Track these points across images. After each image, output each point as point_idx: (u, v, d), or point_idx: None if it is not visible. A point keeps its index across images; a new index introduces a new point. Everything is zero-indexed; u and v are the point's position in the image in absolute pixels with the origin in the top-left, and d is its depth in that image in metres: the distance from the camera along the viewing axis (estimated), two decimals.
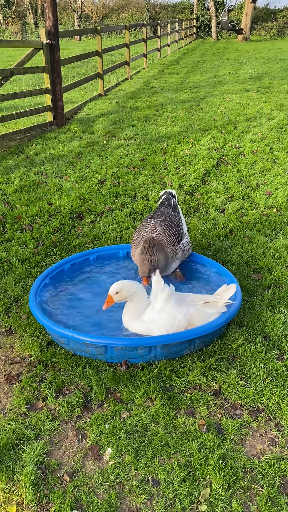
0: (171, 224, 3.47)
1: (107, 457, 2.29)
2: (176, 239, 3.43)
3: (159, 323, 2.89)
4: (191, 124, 8.80)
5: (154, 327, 2.89)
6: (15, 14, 42.69)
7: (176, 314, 2.88)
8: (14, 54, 21.21)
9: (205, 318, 2.90)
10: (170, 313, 2.89)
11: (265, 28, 38.22)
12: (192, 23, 36.68)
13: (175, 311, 2.89)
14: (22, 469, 2.22)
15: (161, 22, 22.40)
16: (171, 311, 2.89)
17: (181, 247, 3.47)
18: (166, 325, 2.87)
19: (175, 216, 3.58)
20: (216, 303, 2.98)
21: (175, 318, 2.87)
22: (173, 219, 3.53)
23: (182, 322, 2.87)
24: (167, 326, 2.87)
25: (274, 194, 5.45)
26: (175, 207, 3.73)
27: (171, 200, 3.80)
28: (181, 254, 3.48)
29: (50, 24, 8.16)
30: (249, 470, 2.23)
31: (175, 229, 3.46)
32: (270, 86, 12.76)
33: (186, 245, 3.55)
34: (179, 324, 2.87)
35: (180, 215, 3.70)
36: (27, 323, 3.23)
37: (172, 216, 3.56)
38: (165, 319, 2.88)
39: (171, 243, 3.38)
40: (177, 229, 3.48)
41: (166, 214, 3.58)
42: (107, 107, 10.61)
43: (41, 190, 5.67)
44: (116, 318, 3.11)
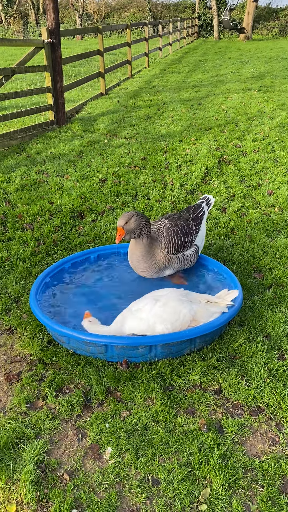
0: (179, 232, 3.36)
1: (107, 456, 2.28)
2: (175, 248, 3.33)
3: (162, 316, 2.84)
4: (192, 123, 8.78)
5: (157, 321, 2.83)
6: (17, 13, 42.69)
7: (181, 308, 2.86)
8: (16, 53, 21.22)
9: (208, 316, 2.88)
10: (174, 307, 2.86)
11: (267, 27, 38.14)
12: (194, 22, 36.63)
13: (180, 305, 2.87)
14: (22, 468, 2.21)
15: (162, 21, 22.37)
16: (176, 305, 2.87)
17: (179, 257, 3.39)
18: (171, 319, 2.82)
19: (189, 225, 3.44)
20: (218, 304, 2.97)
21: (179, 312, 2.84)
22: (184, 228, 3.39)
23: (187, 316, 2.84)
24: (172, 319, 2.82)
25: (276, 193, 5.43)
26: (198, 216, 3.56)
27: (201, 208, 3.63)
28: (178, 265, 3.41)
29: (52, 23, 8.15)
30: (250, 470, 2.22)
31: (180, 238, 3.35)
32: (272, 85, 12.73)
33: (188, 257, 3.45)
34: (184, 318, 2.83)
35: (201, 225, 3.55)
36: (28, 322, 3.23)
37: (185, 225, 3.42)
38: (169, 313, 2.84)
39: (168, 250, 3.31)
40: (183, 239, 3.36)
41: (182, 220, 3.44)
42: (108, 106, 10.60)
43: (42, 189, 5.67)
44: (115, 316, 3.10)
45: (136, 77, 15.33)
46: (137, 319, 2.88)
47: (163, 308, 2.87)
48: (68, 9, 42.89)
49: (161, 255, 3.29)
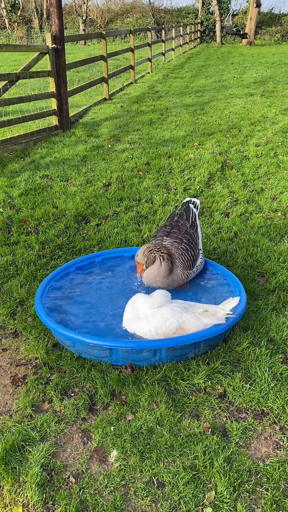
0: (188, 247, 3.36)
1: (112, 459, 2.30)
2: (191, 265, 3.36)
3: (150, 320, 2.91)
4: (195, 128, 8.83)
5: (145, 325, 2.91)
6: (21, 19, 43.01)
7: (169, 317, 2.91)
8: (20, 59, 21.35)
9: (199, 326, 2.88)
10: (163, 315, 2.92)
11: (270, 32, 38.28)
12: (197, 28, 36.80)
13: (170, 314, 2.92)
14: (28, 470, 2.23)
15: (165, 26, 22.48)
16: (165, 313, 2.93)
17: (194, 271, 3.44)
18: (156, 324, 2.89)
19: (192, 235, 3.44)
20: (216, 313, 2.98)
21: (166, 320, 2.89)
22: (190, 240, 3.40)
23: (173, 325, 2.88)
24: (157, 325, 2.89)
25: (279, 198, 5.46)
26: (194, 222, 3.56)
27: (191, 213, 3.60)
28: (192, 275, 3.47)
29: (56, 29, 8.23)
30: (254, 473, 2.23)
31: (191, 253, 3.36)
32: (274, 90, 12.78)
33: (199, 266, 3.49)
34: (170, 326, 2.88)
35: (198, 230, 3.57)
36: (33, 326, 3.25)
37: (189, 236, 3.42)
38: (157, 319, 2.91)
39: (185, 268, 3.35)
40: (194, 252, 3.38)
41: (184, 232, 3.43)
42: (112, 111, 10.66)
43: (47, 194, 5.70)
44: (120, 320, 3.12)
45: (139, 82, 15.40)
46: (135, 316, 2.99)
47: (153, 313, 2.94)
48: (72, 15, 43.17)
49: (179, 273, 3.33)
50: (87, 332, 3.02)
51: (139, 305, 3.03)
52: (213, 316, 2.94)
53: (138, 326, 2.94)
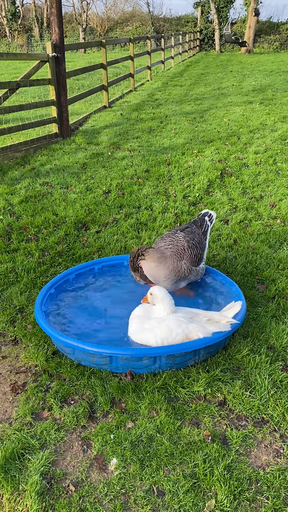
0: (197, 246, 3.47)
1: (112, 467, 2.29)
2: (196, 261, 3.43)
3: (155, 331, 2.91)
4: (194, 136, 8.87)
5: (150, 336, 2.91)
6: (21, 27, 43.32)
7: (175, 327, 2.90)
8: (20, 67, 21.48)
9: (204, 335, 2.89)
10: (169, 326, 2.91)
11: (268, 40, 38.55)
12: (196, 36, 37.07)
13: (175, 324, 2.91)
14: (27, 479, 2.22)
15: (165, 35, 22.65)
16: (171, 324, 2.92)
17: (197, 269, 3.48)
18: (162, 336, 2.89)
19: (202, 241, 3.57)
20: (220, 320, 2.99)
21: (172, 331, 2.89)
22: (200, 243, 3.52)
23: (179, 335, 2.89)
24: (163, 336, 2.89)
25: (278, 205, 5.47)
26: (205, 231, 3.69)
27: (205, 223, 3.75)
28: (194, 277, 3.49)
29: (56, 37, 8.29)
30: (254, 482, 2.22)
31: (198, 251, 3.46)
32: (273, 98, 12.86)
33: (201, 270, 3.55)
34: (176, 337, 2.88)
35: (206, 241, 3.67)
36: (33, 333, 3.25)
37: (200, 240, 3.55)
38: (163, 330, 2.90)
39: (191, 262, 3.39)
40: (200, 252, 3.48)
41: (196, 235, 3.57)
42: (111, 118, 10.71)
43: (47, 201, 5.72)
44: (120, 327, 3.12)
45: (139, 90, 15.49)
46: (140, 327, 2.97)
47: (159, 324, 2.93)
48: (72, 23, 43.49)
49: (184, 265, 3.34)
50: (87, 339, 3.02)
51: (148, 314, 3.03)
52: (217, 324, 2.95)
53: (144, 336, 2.93)
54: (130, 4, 49.88)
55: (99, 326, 3.19)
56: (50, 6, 8.27)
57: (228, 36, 31.56)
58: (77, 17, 42.27)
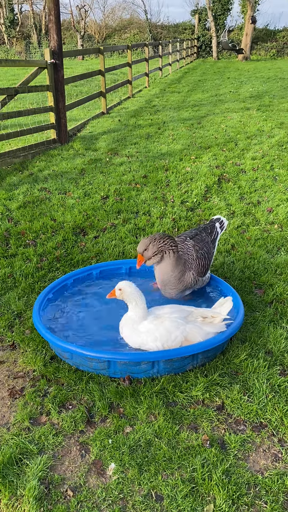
0: (205, 256, 3.45)
1: (110, 472, 2.28)
2: (202, 271, 3.42)
3: (154, 334, 2.91)
4: (192, 142, 8.91)
5: (148, 339, 2.91)
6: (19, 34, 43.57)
7: (173, 329, 2.91)
8: (19, 73, 21.57)
9: (203, 336, 2.91)
10: (167, 328, 2.92)
11: (265, 48, 38.85)
12: (193, 43, 37.31)
13: (174, 327, 2.92)
14: (25, 484, 2.21)
15: (162, 42, 22.79)
16: (169, 326, 2.92)
17: (202, 280, 3.48)
18: (162, 339, 2.90)
19: (210, 250, 3.54)
20: (214, 319, 3.00)
21: (171, 333, 2.90)
22: (208, 253, 3.49)
23: (179, 338, 2.90)
24: (163, 340, 2.90)
25: (275, 211, 5.50)
26: (214, 239, 3.66)
27: (215, 229, 3.71)
28: (199, 286, 3.50)
29: (55, 44, 8.34)
30: (253, 486, 2.22)
31: (206, 262, 3.44)
32: (270, 104, 12.94)
33: (206, 280, 3.55)
34: (175, 339, 2.90)
35: (214, 249, 3.65)
36: (31, 338, 3.25)
37: (209, 249, 3.52)
38: (162, 333, 2.90)
39: (198, 273, 3.39)
40: (208, 263, 3.47)
41: (205, 243, 3.53)
42: (109, 125, 10.76)
43: (45, 206, 5.73)
44: (118, 332, 3.12)
45: (136, 96, 15.57)
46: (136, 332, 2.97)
47: (157, 327, 2.93)
48: (70, 30, 43.76)
49: (191, 276, 3.34)
50: (85, 344, 3.02)
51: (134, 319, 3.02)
52: (213, 324, 2.96)
53: (141, 340, 2.93)
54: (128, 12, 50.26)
55: (97, 331, 3.19)
56: (48, 14, 8.32)
57: (225, 43, 31.78)
58: (75, 24, 42.54)
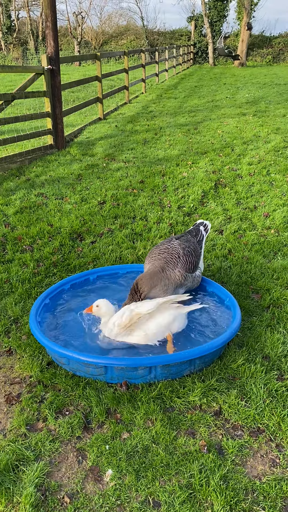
0: (192, 253, 3.50)
1: (107, 478, 2.27)
2: (190, 268, 3.45)
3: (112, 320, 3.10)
4: (189, 147, 8.94)
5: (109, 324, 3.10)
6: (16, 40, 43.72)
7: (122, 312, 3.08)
8: (16, 79, 21.63)
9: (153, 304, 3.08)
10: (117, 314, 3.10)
11: (261, 54, 39.10)
12: (190, 49, 37.53)
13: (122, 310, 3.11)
14: (22, 490, 2.20)
15: (159, 48, 22.91)
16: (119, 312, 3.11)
17: (193, 276, 3.50)
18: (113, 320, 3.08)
19: (197, 248, 3.61)
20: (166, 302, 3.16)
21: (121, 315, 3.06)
22: (195, 250, 3.56)
23: (126, 313, 3.05)
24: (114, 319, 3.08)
25: (272, 216, 5.51)
26: (201, 240, 3.73)
27: (200, 232, 3.79)
28: (190, 284, 3.50)
29: (52, 50, 8.37)
30: (251, 492, 2.21)
31: (193, 259, 3.49)
32: (266, 110, 13.01)
33: (197, 278, 3.57)
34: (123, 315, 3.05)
35: (202, 249, 3.71)
36: (27, 344, 3.24)
37: (195, 247, 3.59)
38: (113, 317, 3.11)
39: (185, 269, 3.40)
40: (195, 259, 3.51)
41: (191, 243, 3.61)
42: (106, 130, 10.78)
43: (42, 212, 5.73)
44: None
45: (133, 102, 15.63)
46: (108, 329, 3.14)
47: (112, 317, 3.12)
48: (67, 36, 43.95)
49: (178, 273, 3.35)
50: (81, 349, 3.01)
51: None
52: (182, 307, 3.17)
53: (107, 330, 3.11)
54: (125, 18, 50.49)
55: (93, 337, 3.18)
56: (45, 20, 8.36)
57: (221, 50, 31.98)
58: (72, 30, 42.72)
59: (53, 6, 8.21)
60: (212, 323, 3.29)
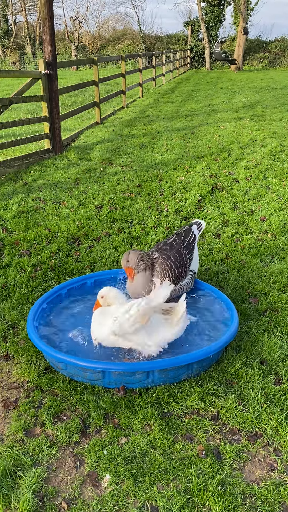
0: (172, 266, 3.38)
1: (105, 483, 2.27)
2: (172, 281, 3.37)
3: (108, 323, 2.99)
4: (186, 152, 8.97)
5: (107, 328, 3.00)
6: (14, 45, 43.84)
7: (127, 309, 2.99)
8: (13, 83, 21.66)
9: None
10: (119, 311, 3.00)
11: (257, 58, 39.31)
12: (186, 54, 37.68)
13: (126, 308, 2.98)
14: (19, 496, 2.19)
15: (156, 52, 23.00)
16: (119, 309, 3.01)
17: (176, 289, 3.44)
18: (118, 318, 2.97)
19: (182, 255, 3.46)
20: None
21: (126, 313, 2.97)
22: (177, 260, 3.41)
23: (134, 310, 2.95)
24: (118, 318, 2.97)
25: (269, 220, 5.53)
26: (190, 243, 3.57)
27: (190, 234, 3.64)
28: (176, 293, 3.46)
29: (49, 55, 8.39)
30: (249, 496, 2.21)
31: (175, 271, 3.38)
32: (263, 114, 13.06)
33: (185, 286, 3.51)
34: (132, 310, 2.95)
35: (193, 252, 3.58)
36: (25, 348, 3.23)
37: (178, 256, 3.43)
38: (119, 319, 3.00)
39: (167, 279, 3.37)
40: (177, 271, 3.39)
41: (174, 251, 3.46)
42: (103, 134, 10.81)
43: (39, 216, 5.73)
44: None
45: (130, 106, 15.67)
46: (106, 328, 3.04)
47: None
48: (64, 41, 44.07)
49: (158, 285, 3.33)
50: (79, 354, 3.01)
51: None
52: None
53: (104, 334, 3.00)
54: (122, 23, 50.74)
55: (91, 341, 3.17)
56: (42, 25, 8.39)
57: (218, 54, 32.12)
58: (69, 35, 42.85)
59: (50, 11, 8.24)
60: (210, 327, 3.29)
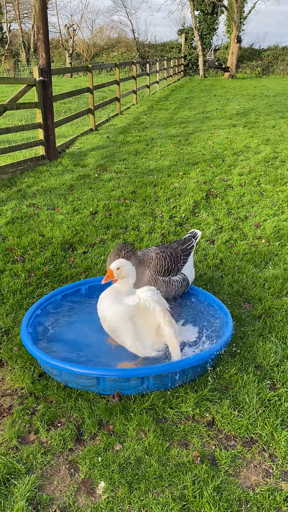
0: (167, 257, 3.47)
1: (100, 490, 2.25)
2: (163, 271, 3.43)
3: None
4: (180, 158, 9.00)
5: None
6: (8, 52, 43.93)
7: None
8: (7, 90, 21.69)
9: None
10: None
11: (250, 66, 39.65)
12: (180, 61, 37.94)
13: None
14: (13, 504, 2.17)
15: (150, 60, 23.14)
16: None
17: (167, 280, 3.46)
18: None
19: (177, 254, 3.55)
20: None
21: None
22: (172, 255, 3.51)
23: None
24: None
25: (263, 226, 5.55)
26: (187, 248, 3.66)
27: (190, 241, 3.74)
28: (164, 288, 3.47)
29: (43, 62, 8.42)
30: (244, 503, 2.20)
31: (167, 262, 3.45)
32: (256, 121, 13.15)
33: (175, 283, 3.53)
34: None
35: (189, 257, 3.65)
36: (19, 355, 3.21)
37: (174, 252, 3.54)
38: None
39: (156, 272, 3.42)
40: (170, 264, 3.47)
41: (170, 248, 3.57)
42: (98, 141, 10.83)
43: (33, 222, 5.72)
44: (108, 350, 3.11)
45: (125, 113, 15.73)
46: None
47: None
48: (58, 48, 44.24)
49: (148, 274, 3.39)
50: (73, 360, 3.00)
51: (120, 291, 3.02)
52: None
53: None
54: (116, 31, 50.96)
55: (85, 347, 3.16)
56: (37, 32, 8.43)
57: (211, 62, 32.37)
58: (64, 42, 43.05)
59: (44, 18, 8.28)
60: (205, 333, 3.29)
